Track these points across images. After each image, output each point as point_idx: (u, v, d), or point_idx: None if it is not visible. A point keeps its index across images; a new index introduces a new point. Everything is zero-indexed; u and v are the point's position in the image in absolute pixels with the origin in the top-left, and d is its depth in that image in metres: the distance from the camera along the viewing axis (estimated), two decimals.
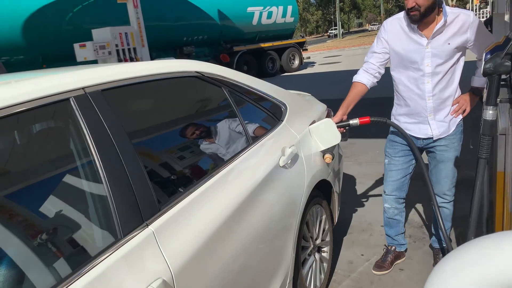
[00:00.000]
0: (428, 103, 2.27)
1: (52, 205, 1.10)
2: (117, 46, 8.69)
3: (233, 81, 1.99)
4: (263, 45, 16.42)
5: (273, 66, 17.03)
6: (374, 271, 2.60)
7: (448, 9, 2.12)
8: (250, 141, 1.92)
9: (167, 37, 13.04)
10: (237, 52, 15.26)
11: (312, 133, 2.36)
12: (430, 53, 2.17)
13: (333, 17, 62.89)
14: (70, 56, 8.54)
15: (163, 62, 1.70)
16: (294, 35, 20.00)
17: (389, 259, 2.62)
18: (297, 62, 18.03)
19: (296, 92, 3.12)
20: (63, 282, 0.97)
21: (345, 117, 2.40)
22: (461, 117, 2.33)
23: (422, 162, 2.31)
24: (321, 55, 25.04)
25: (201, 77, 1.79)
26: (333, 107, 2.44)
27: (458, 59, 2.22)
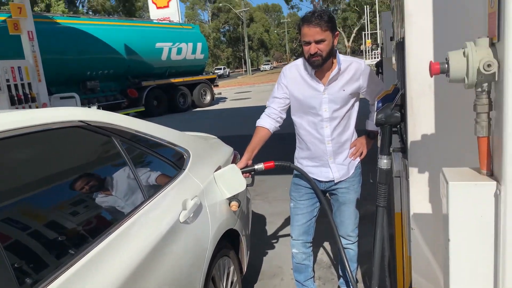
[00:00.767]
0: (327, 147, 2.31)
1: None
2: (8, 81, 7.94)
3: (126, 129, 1.81)
4: (173, 80, 16.29)
5: (185, 101, 16.91)
6: None
7: (341, 57, 2.22)
8: (146, 195, 1.74)
9: (69, 71, 12.30)
10: (146, 87, 14.90)
11: (217, 180, 2.25)
12: (327, 99, 2.23)
13: (242, 54, 65.26)
14: None
15: (40, 111, 1.48)
16: (208, 71, 20.23)
17: None
18: (208, 97, 18.14)
19: (201, 134, 3.02)
20: None
21: (250, 162, 2.34)
22: (359, 159, 2.40)
23: (325, 205, 2.33)
24: (232, 90, 25.57)
25: (86, 127, 1.59)
26: (245, 143, 2.37)
27: (353, 104, 2.31)
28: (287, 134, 3.07)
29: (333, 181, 2.36)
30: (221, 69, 54.04)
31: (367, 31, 42.65)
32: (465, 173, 1.01)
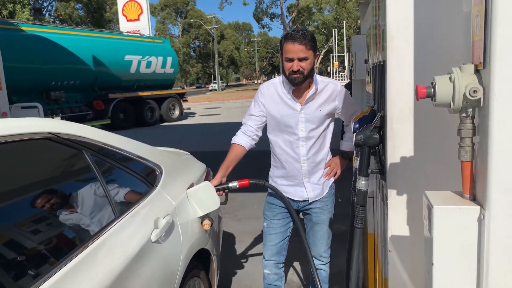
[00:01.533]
0: (303, 166, 2.30)
1: None
2: None
3: (98, 142, 1.73)
4: (141, 93, 16.03)
5: (152, 115, 16.65)
6: None
7: (318, 78, 2.24)
8: (116, 212, 1.66)
9: (32, 80, 11.85)
10: (113, 99, 14.57)
11: (190, 198, 2.19)
12: (303, 118, 2.23)
13: (212, 70, 65.43)
14: None
15: (5, 121, 1.39)
16: (177, 86, 20.05)
17: None
18: (177, 112, 17.95)
19: (173, 150, 2.95)
20: None
21: (224, 180, 2.30)
22: (333, 179, 2.41)
23: (299, 224, 2.32)
24: (202, 106, 25.46)
25: (55, 139, 1.50)
26: (216, 159, 2.32)
27: (328, 124, 2.33)
28: (259, 152, 3.07)
29: (307, 200, 2.35)
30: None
31: (335, 53, 43.91)
32: (448, 197, 1.01)
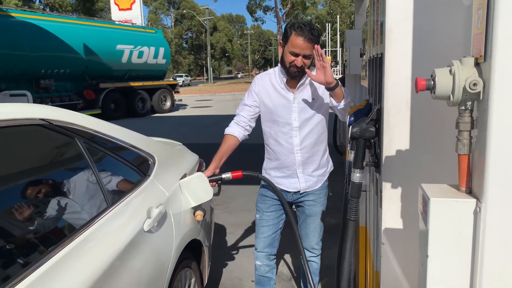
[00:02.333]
0: (296, 157, 2.30)
1: None
2: None
3: (90, 130, 1.71)
4: (133, 84, 15.88)
5: (143, 106, 16.52)
6: None
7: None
8: (109, 201, 1.64)
9: (22, 68, 11.66)
10: (103, 89, 14.41)
11: (182, 188, 2.17)
12: (296, 108, 2.23)
13: (204, 62, 65.03)
14: None
15: None
16: (169, 77, 19.90)
17: None
18: (168, 103, 17.82)
19: (166, 140, 2.93)
20: None
21: (217, 171, 2.28)
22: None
23: (292, 216, 2.32)
24: (193, 98, 25.32)
25: (48, 126, 1.47)
26: (208, 151, 2.30)
27: (322, 116, 2.33)
28: (253, 145, 3.06)
29: (300, 192, 2.35)
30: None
31: (328, 48, 43.90)
32: (445, 190, 1.02)
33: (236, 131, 2.33)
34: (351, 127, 1.56)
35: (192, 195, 2.18)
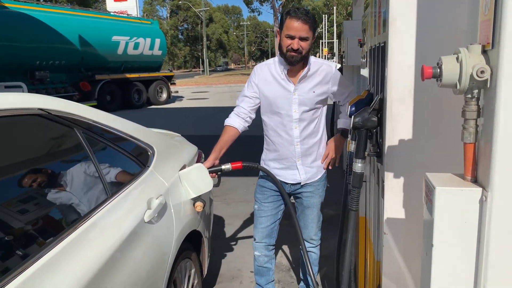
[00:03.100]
0: (296, 148, 2.29)
1: None
2: None
3: (89, 121, 1.69)
4: (128, 75, 15.78)
5: (140, 97, 16.44)
6: None
7: (312, 59, 2.21)
8: (109, 192, 1.63)
9: (16, 59, 11.55)
10: (99, 80, 14.32)
11: (182, 179, 2.16)
12: (297, 100, 2.21)
13: (200, 54, 64.66)
14: None
15: None
16: (165, 69, 19.77)
17: None
18: (165, 95, 17.75)
19: (165, 131, 2.91)
20: None
21: (217, 162, 2.27)
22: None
23: (291, 207, 2.31)
24: (189, 90, 25.21)
25: (46, 116, 1.45)
26: (205, 143, 2.29)
27: (322, 107, 2.31)
28: (253, 137, 3.04)
29: (300, 183, 2.35)
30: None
31: (325, 39, 43.73)
32: (450, 179, 1.01)
33: (236, 122, 2.31)
34: (353, 116, 1.55)
35: (191, 186, 2.17)
